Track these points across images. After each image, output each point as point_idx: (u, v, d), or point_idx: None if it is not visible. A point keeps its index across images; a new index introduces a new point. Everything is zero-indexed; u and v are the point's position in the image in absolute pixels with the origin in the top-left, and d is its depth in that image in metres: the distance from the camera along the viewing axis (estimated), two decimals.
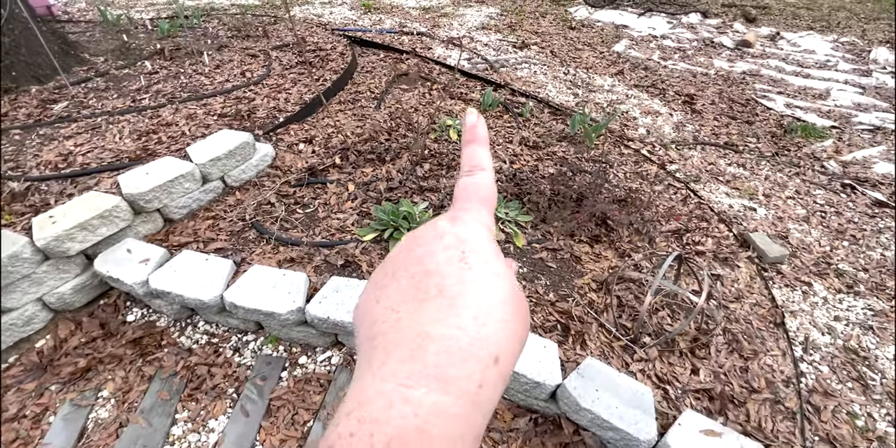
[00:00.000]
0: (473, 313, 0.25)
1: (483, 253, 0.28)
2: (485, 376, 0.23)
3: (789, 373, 1.77)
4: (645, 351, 1.74)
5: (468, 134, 0.35)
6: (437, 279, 0.26)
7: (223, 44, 4.04)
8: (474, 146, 0.34)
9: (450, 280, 0.26)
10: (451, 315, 0.25)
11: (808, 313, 2.09)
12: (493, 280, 0.27)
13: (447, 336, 0.24)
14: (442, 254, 0.27)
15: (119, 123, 2.71)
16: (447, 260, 0.27)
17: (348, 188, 2.48)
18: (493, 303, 0.26)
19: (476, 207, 0.31)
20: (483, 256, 0.28)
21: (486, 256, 0.28)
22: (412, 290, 0.26)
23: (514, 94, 3.96)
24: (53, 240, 1.77)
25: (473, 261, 0.27)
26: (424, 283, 0.26)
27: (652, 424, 1.40)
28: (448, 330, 0.24)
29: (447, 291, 0.25)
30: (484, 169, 0.33)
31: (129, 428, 1.55)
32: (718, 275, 2.20)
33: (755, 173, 3.23)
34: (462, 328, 0.24)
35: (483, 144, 0.35)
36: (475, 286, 0.26)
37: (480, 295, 0.26)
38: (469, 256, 0.27)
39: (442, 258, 0.27)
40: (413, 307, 0.25)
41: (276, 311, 1.68)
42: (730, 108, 4.23)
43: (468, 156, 0.34)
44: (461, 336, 0.24)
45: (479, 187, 0.33)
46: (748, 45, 6.07)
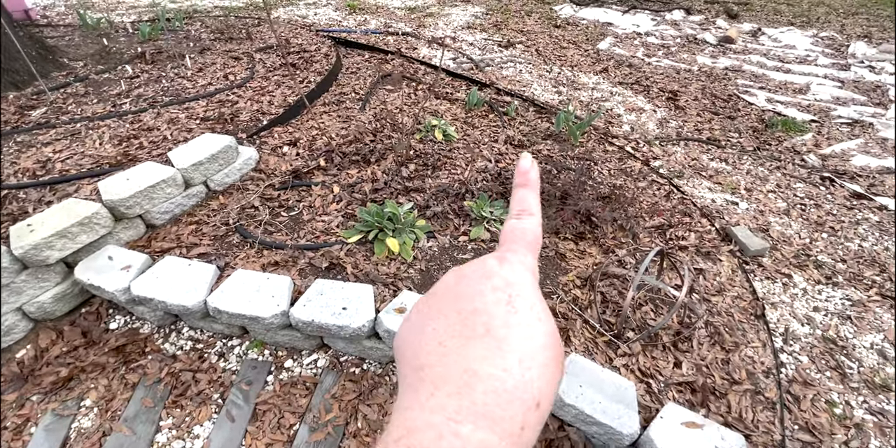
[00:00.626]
0: (519, 357, 0.26)
1: (529, 298, 0.29)
2: (527, 419, 0.25)
3: (769, 364, 1.80)
4: (628, 346, 1.76)
5: (520, 177, 0.36)
6: (485, 319, 0.28)
7: (206, 46, 4.01)
8: (525, 191, 0.36)
9: (497, 321, 0.27)
10: (498, 356, 0.26)
11: (788, 305, 2.12)
12: (537, 325, 0.28)
13: (494, 376, 0.25)
14: (490, 295, 0.29)
15: (99, 129, 2.68)
16: (495, 301, 0.28)
17: (333, 190, 2.47)
18: (537, 348, 0.27)
19: (522, 251, 0.33)
20: (529, 301, 0.29)
21: (532, 301, 0.29)
22: (460, 326, 0.28)
23: (500, 93, 3.97)
24: (32, 248, 1.75)
25: (520, 305, 0.29)
26: (472, 321, 0.28)
27: (635, 418, 1.42)
28: (495, 371, 0.25)
29: (494, 332, 0.27)
30: (532, 214, 0.35)
31: (113, 437, 1.54)
32: (701, 269, 2.23)
33: (737, 168, 3.27)
34: (508, 370, 0.25)
35: (534, 189, 0.36)
36: (521, 330, 0.27)
37: (525, 339, 0.27)
38: (516, 300, 0.29)
39: (490, 299, 0.29)
40: (460, 343, 0.27)
41: (260, 315, 1.68)
42: (712, 104, 4.28)
43: (518, 200, 0.36)
44: (507, 378, 0.25)
45: (526, 232, 0.34)
46: (730, 41, 6.15)
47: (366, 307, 1.71)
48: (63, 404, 1.64)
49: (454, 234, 2.27)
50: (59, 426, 1.57)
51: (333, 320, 1.65)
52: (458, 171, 2.75)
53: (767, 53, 5.82)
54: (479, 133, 3.26)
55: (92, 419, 1.61)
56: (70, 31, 4.28)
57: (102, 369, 1.75)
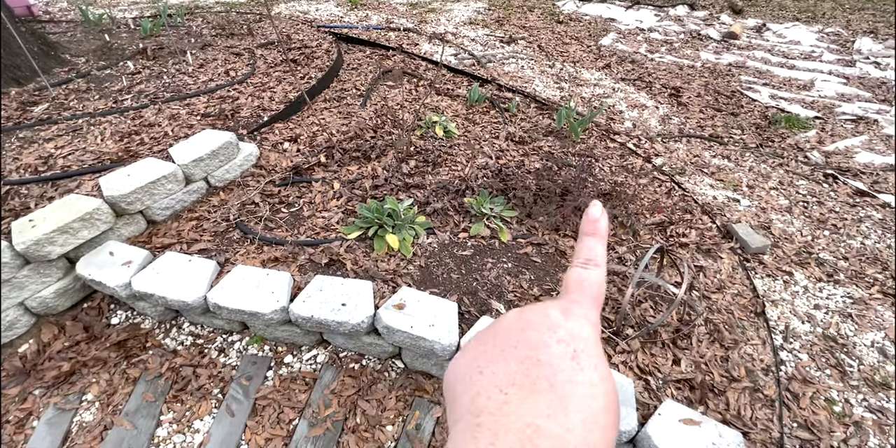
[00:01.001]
0: (582, 417, 0.26)
1: (594, 356, 0.29)
2: None
3: (769, 361, 1.80)
4: (627, 343, 1.76)
5: (589, 226, 0.36)
6: (549, 372, 0.27)
7: (207, 42, 4.00)
8: (593, 240, 0.35)
9: (562, 377, 0.27)
10: (562, 414, 0.25)
11: (788, 302, 2.12)
12: (600, 386, 0.28)
13: (557, 436, 0.24)
14: (555, 347, 0.28)
15: (100, 125, 2.69)
16: (560, 355, 0.28)
17: (333, 186, 2.47)
18: (599, 409, 0.26)
19: (588, 304, 0.32)
20: (594, 360, 0.29)
21: (597, 360, 0.29)
22: (522, 375, 0.27)
23: (501, 89, 3.96)
24: (33, 244, 1.76)
25: (585, 362, 0.28)
26: (535, 372, 0.27)
27: (632, 415, 1.42)
28: (559, 429, 0.25)
29: (558, 388, 0.26)
30: (599, 265, 0.34)
31: (114, 430, 1.55)
32: (701, 266, 2.23)
33: (739, 165, 3.25)
34: (571, 431, 0.25)
35: (602, 240, 0.35)
36: (585, 389, 0.27)
37: (589, 399, 0.26)
38: (581, 356, 0.28)
39: (555, 352, 0.28)
40: (522, 395, 0.26)
41: (260, 310, 1.68)
42: (715, 101, 4.25)
43: (587, 249, 0.35)
44: (570, 439, 0.25)
45: (592, 285, 0.33)
46: (735, 37, 6.10)
47: (365, 303, 1.71)
48: (65, 398, 1.65)
49: (454, 230, 2.27)
50: (61, 420, 1.59)
51: (333, 316, 1.65)
52: (458, 168, 2.74)
53: (772, 49, 5.77)
54: (480, 129, 3.25)
55: (93, 413, 1.62)
56: (72, 27, 4.28)
57: (104, 364, 1.76)
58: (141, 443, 1.52)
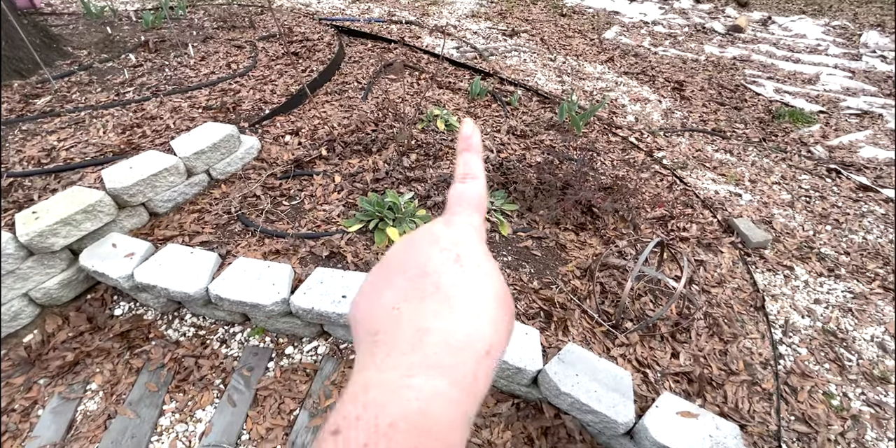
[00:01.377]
0: (468, 309, 0.27)
1: (476, 255, 0.30)
2: (478, 367, 0.26)
3: (767, 355, 1.80)
4: (626, 336, 1.76)
5: (463, 143, 0.37)
6: (435, 278, 0.28)
7: (209, 35, 3.99)
8: (469, 154, 0.36)
9: (446, 279, 0.28)
10: (447, 311, 0.27)
11: (788, 297, 2.12)
12: (484, 279, 0.29)
13: (445, 330, 0.26)
14: (438, 256, 0.30)
15: (103, 117, 2.69)
16: (443, 261, 0.29)
17: (334, 180, 2.48)
18: (486, 300, 0.28)
19: (468, 212, 0.34)
20: (476, 258, 0.30)
21: (479, 258, 0.30)
22: (411, 289, 0.28)
23: (503, 82, 3.94)
24: (37, 235, 1.77)
25: (467, 262, 0.30)
26: (422, 282, 0.28)
27: (630, 407, 1.44)
28: (445, 324, 0.26)
29: (444, 290, 0.28)
30: (476, 177, 0.36)
31: (117, 419, 1.58)
32: (702, 260, 2.23)
33: (742, 159, 3.24)
34: (458, 323, 0.26)
35: (477, 153, 0.37)
36: (469, 285, 0.28)
37: (474, 293, 0.28)
38: (463, 258, 0.30)
39: (438, 260, 0.29)
40: (413, 305, 0.27)
41: (261, 302, 1.70)
42: (719, 95, 4.23)
43: (462, 164, 0.36)
44: (457, 330, 0.26)
45: (471, 194, 0.35)
46: (739, 30, 6.04)
47: None
48: (69, 388, 1.67)
49: None
50: (66, 409, 1.61)
51: (333, 308, 1.66)
52: None
53: (777, 43, 5.72)
54: (482, 123, 3.24)
55: (97, 402, 1.64)
56: (74, 20, 4.27)
57: (107, 354, 1.78)
58: (144, 432, 1.54)
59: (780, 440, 1.52)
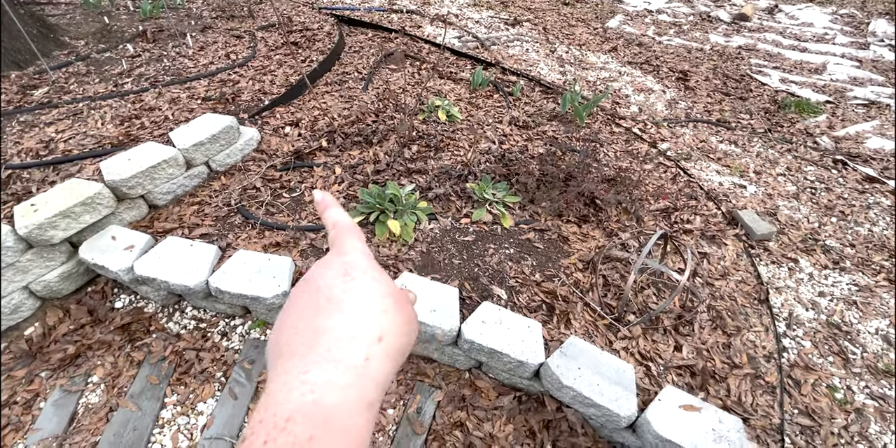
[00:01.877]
0: (356, 308, 0.30)
1: (361, 266, 0.34)
2: (370, 351, 0.28)
3: (771, 348, 1.79)
4: (629, 329, 1.75)
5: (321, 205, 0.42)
6: (326, 292, 0.32)
7: (207, 25, 3.94)
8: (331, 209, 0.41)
9: (336, 290, 0.32)
10: (337, 313, 0.30)
11: (793, 289, 2.10)
12: (371, 283, 0.33)
13: (335, 327, 0.29)
14: (329, 273, 0.34)
15: (101, 109, 2.66)
16: (333, 276, 0.33)
17: (335, 171, 2.45)
18: (374, 298, 0.31)
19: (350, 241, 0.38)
20: (361, 268, 0.34)
21: (364, 267, 0.34)
22: (308, 307, 0.31)
23: (505, 72, 3.89)
24: (36, 228, 1.76)
25: (355, 273, 0.33)
26: (317, 296, 0.32)
27: (633, 400, 1.43)
28: (336, 323, 0.29)
29: (334, 298, 0.31)
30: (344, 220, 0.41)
31: (119, 412, 1.58)
32: (705, 253, 2.21)
33: (747, 150, 3.20)
34: (347, 319, 0.29)
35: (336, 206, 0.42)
36: (357, 291, 0.32)
37: (362, 295, 0.31)
38: (351, 271, 0.33)
39: (329, 276, 0.33)
40: (309, 318, 0.30)
41: (261, 295, 1.69)
42: (724, 85, 4.17)
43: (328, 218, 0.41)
44: (346, 325, 0.29)
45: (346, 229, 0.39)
46: (745, 19, 5.94)
47: None
48: (71, 380, 1.68)
49: (456, 216, 2.25)
50: (68, 401, 1.61)
51: None
52: (461, 153, 2.71)
53: (784, 31, 5.63)
54: (484, 114, 3.20)
55: (99, 395, 1.64)
56: (71, 9, 4.22)
57: (108, 347, 1.78)
58: (146, 424, 1.54)
59: (783, 434, 1.52)
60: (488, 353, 1.57)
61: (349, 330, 0.29)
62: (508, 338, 1.57)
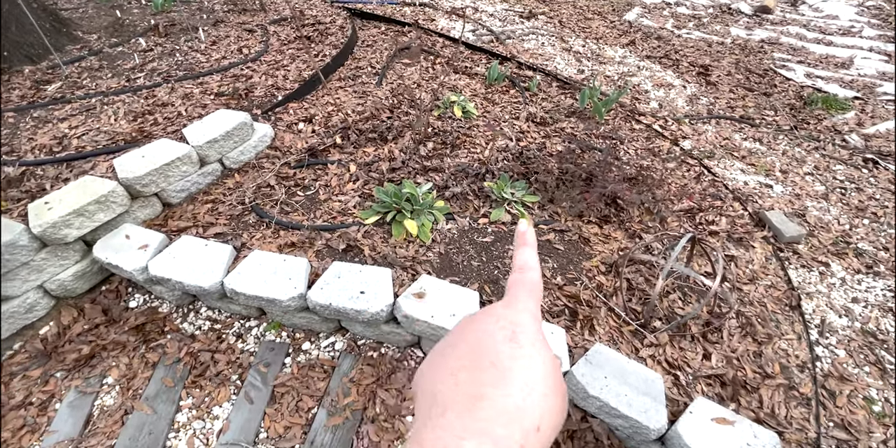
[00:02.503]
0: (521, 384, 0.29)
1: (530, 335, 0.33)
2: (527, 440, 0.27)
3: (804, 357, 1.72)
4: (655, 336, 1.69)
5: (520, 239, 0.42)
6: (493, 354, 0.31)
7: (219, 19, 3.89)
8: (525, 249, 0.41)
9: (503, 355, 0.31)
10: (502, 383, 0.29)
11: (824, 295, 2.02)
12: (537, 358, 0.31)
13: (497, 399, 0.28)
14: (497, 332, 0.32)
15: (114, 104, 2.63)
16: (501, 339, 0.32)
17: (350, 169, 2.41)
18: (537, 377, 0.30)
19: (525, 298, 0.37)
20: (530, 338, 0.32)
21: (533, 338, 0.32)
22: (469, 361, 0.31)
23: (521, 67, 3.80)
24: (50, 227, 1.73)
25: (523, 340, 0.32)
26: (480, 356, 0.31)
27: (662, 412, 1.37)
28: (499, 394, 0.28)
29: (499, 365, 0.30)
30: (533, 269, 0.40)
31: (135, 415, 1.56)
32: (732, 255, 2.13)
33: (772, 148, 3.09)
34: (510, 395, 0.28)
35: (533, 248, 0.41)
36: (523, 362, 0.30)
37: (527, 369, 0.30)
38: (519, 336, 0.32)
39: (497, 337, 0.32)
40: (470, 373, 0.30)
41: (277, 297, 1.65)
42: (746, 80, 4.04)
43: (520, 257, 0.41)
44: (509, 402, 0.28)
45: (527, 283, 0.38)
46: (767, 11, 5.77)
47: (384, 291, 1.67)
48: (86, 381, 1.66)
49: (474, 216, 2.19)
50: (83, 403, 1.59)
51: (351, 304, 1.61)
52: (477, 150, 2.65)
53: (808, 24, 5.45)
54: (500, 110, 3.13)
55: (114, 397, 1.62)
56: (83, 3, 4.19)
57: (123, 348, 1.76)
58: (161, 428, 1.52)
59: None
60: None
61: (510, 408, 0.28)
62: None
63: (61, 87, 2.81)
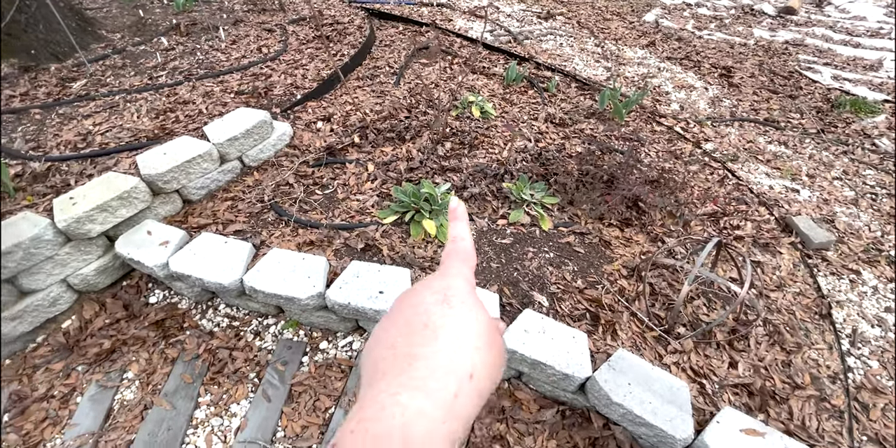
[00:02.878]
0: (452, 339, 0.31)
1: (461, 295, 0.35)
2: (460, 388, 0.29)
3: (836, 368, 1.66)
4: (680, 342, 1.65)
5: (451, 214, 0.45)
6: (425, 317, 0.33)
7: (239, 18, 3.93)
8: (457, 223, 0.44)
9: (435, 316, 0.33)
10: (433, 341, 0.31)
11: (856, 304, 1.95)
12: (468, 314, 0.33)
13: (429, 356, 0.29)
14: (429, 298, 0.34)
15: (136, 102, 2.67)
16: (433, 302, 0.34)
17: (367, 168, 2.40)
18: (469, 332, 0.32)
19: (457, 265, 0.39)
20: (461, 298, 0.35)
21: (464, 297, 0.35)
22: (405, 327, 0.33)
23: (539, 67, 3.77)
24: (74, 221, 1.75)
25: (454, 301, 0.34)
26: (414, 320, 0.33)
27: (689, 422, 1.33)
28: (430, 352, 0.30)
29: (431, 325, 0.32)
30: (464, 239, 0.42)
31: (154, 410, 1.56)
32: (759, 261, 2.07)
33: (798, 152, 3.01)
34: (441, 350, 0.30)
35: (463, 220, 0.44)
36: (454, 319, 0.32)
37: (458, 326, 0.32)
38: (451, 299, 0.34)
39: (429, 301, 0.34)
40: (405, 340, 0.31)
41: (296, 296, 1.64)
42: (771, 82, 3.95)
43: (453, 230, 0.43)
44: (441, 357, 0.30)
45: (461, 253, 0.41)
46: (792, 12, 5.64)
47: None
48: (106, 375, 1.67)
49: (492, 217, 2.17)
50: (104, 397, 1.60)
51: (370, 304, 1.60)
52: (496, 151, 2.62)
53: (834, 25, 5.32)
54: (518, 110, 3.10)
55: (134, 392, 1.63)
56: (108, 3, 4.26)
57: (143, 343, 1.77)
58: (180, 424, 1.52)
59: None
60: (531, 364, 1.49)
61: (442, 363, 0.29)
62: (552, 349, 1.49)
63: (86, 84, 2.85)
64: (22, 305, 1.72)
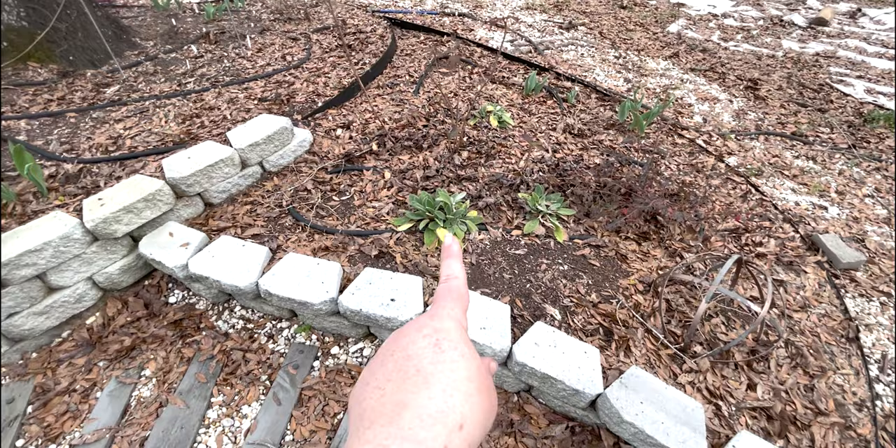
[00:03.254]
0: (443, 387, 0.30)
1: (454, 340, 0.34)
2: (450, 439, 0.28)
3: (863, 395, 1.59)
4: (696, 361, 1.60)
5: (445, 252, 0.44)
6: (416, 361, 0.32)
7: (265, 27, 4.04)
8: (451, 260, 0.43)
9: (425, 362, 0.32)
10: (424, 389, 0.30)
11: (886, 328, 1.87)
12: (460, 361, 0.33)
13: (419, 405, 0.29)
14: (421, 341, 0.34)
15: (165, 107, 2.76)
16: (424, 346, 0.33)
17: (384, 176, 2.43)
18: (460, 379, 0.31)
19: (450, 305, 0.39)
20: (453, 343, 0.34)
21: (456, 343, 0.34)
22: (395, 371, 0.32)
23: (560, 78, 3.76)
24: (101, 222, 1.82)
25: (446, 346, 0.33)
26: (405, 365, 0.32)
27: (703, 444, 1.29)
28: (420, 400, 0.29)
29: (423, 371, 0.31)
30: (457, 277, 0.42)
31: (168, 408, 1.59)
32: (781, 280, 2.01)
33: (827, 168, 2.92)
34: (432, 398, 0.29)
35: (457, 258, 0.43)
36: (445, 366, 0.32)
37: (449, 373, 0.31)
38: (442, 343, 0.34)
39: (421, 345, 0.33)
40: (395, 385, 0.31)
41: (309, 300, 1.67)
42: (799, 95, 3.85)
43: (446, 268, 0.43)
44: (431, 405, 0.29)
45: (453, 292, 0.40)
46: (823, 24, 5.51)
47: (414, 300, 1.66)
48: (126, 372, 1.71)
49: (507, 227, 2.16)
50: (122, 393, 1.65)
51: (382, 311, 1.61)
52: (512, 161, 2.62)
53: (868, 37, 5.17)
54: (537, 120, 3.10)
55: (150, 389, 1.67)
56: (142, 12, 4.44)
57: (161, 341, 1.82)
58: (193, 423, 1.55)
59: None
60: (541, 378, 1.47)
61: (432, 412, 0.29)
62: (563, 363, 1.47)
63: (119, 90, 2.97)
64: (49, 301, 1.79)
